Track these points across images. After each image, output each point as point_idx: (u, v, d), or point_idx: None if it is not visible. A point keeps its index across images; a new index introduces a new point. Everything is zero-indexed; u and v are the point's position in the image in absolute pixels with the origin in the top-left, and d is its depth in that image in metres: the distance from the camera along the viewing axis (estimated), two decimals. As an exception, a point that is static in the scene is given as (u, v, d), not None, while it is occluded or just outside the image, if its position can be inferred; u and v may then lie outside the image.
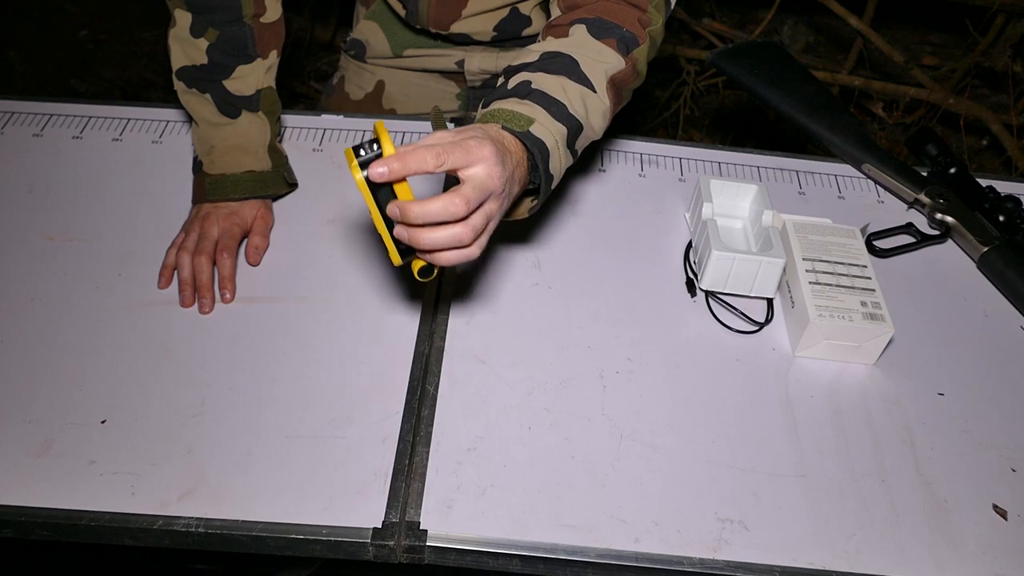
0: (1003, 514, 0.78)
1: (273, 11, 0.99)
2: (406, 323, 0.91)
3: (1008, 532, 0.77)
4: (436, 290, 0.94)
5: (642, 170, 1.13)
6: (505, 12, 1.14)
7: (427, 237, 0.66)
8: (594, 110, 0.82)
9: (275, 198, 1.03)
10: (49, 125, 1.14)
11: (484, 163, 0.67)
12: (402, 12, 1.15)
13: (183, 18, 0.96)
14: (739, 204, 1.02)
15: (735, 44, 1.28)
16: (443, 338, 0.89)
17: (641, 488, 0.78)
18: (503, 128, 0.74)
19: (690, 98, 2.32)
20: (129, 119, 1.15)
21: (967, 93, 2.26)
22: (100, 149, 1.11)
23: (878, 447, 0.83)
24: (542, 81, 0.80)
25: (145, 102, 1.22)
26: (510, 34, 1.16)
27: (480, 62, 1.21)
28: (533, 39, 1.18)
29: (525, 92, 0.78)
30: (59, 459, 0.77)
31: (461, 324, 0.91)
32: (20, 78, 2.54)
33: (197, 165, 1.00)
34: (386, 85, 1.28)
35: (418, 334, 0.90)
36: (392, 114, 1.29)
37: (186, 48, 0.97)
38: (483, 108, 0.80)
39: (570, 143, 0.79)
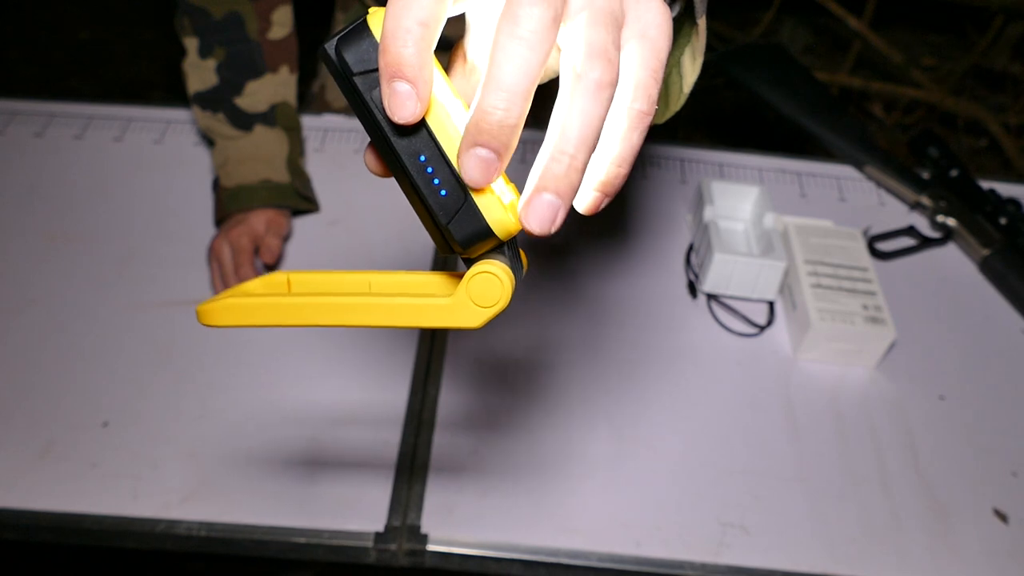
0: (1004, 518, 0.78)
1: (281, 27, 0.98)
2: (407, 325, 0.90)
3: (1009, 536, 0.77)
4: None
5: (644, 171, 1.13)
6: None
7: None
8: None
9: (294, 213, 1.01)
10: (50, 125, 1.13)
11: None
12: None
13: (192, 43, 0.96)
14: (740, 206, 1.02)
15: (738, 46, 1.29)
16: (444, 340, 0.89)
17: (642, 492, 0.78)
18: None
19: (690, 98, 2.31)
20: (130, 119, 1.15)
21: (966, 94, 2.27)
22: (101, 149, 1.11)
23: (879, 451, 0.83)
24: None
25: (146, 102, 1.21)
26: None
27: None
28: None
29: None
30: (61, 461, 0.77)
31: (462, 326, 0.91)
32: (21, 79, 2.53)
33: (215, 183, 0.99)
34: None
35: (420, 335, 0.90)
36: None
37: (198, 72, 0.97)
38: None
39: None
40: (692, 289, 0.96)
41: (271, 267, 0.96)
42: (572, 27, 0.34)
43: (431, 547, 0.73)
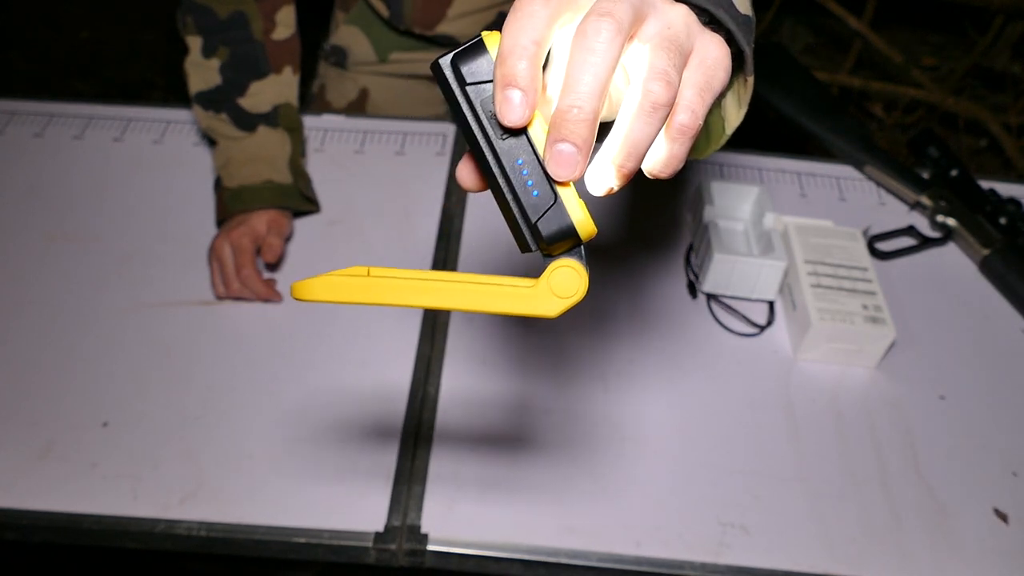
0: (1004, 518, 0.78)
1: (284, 28, 0.98)
2: (407, 324, 0.91)
3: (1009, 536, 0.77)
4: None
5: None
6: (491, 15, 1.13)
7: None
8: None
9: (295, 214, 1.01)
10: (49, 125, 1.14)
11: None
12: (385, 13, 1.13)
13: (195, 42, 0.96)
14: (740, 206, 1.02)
15: (736, 46, 1.28)
16: (444, 339, 0.89)
17: (642, 491, 0.78)
18: None
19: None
20: (130, 119, 1.15)
21: (966, 94, 2.27)
22: (100, 149, 1.11)
23: (879, 450, 0.83)
24: None
25: (146, 102, 1.22)
26: None
27: None
28: None
29: None
30: (60, 462, 0.77)
31: (463, 325, 0.91)
32: (21, 78, 2.54)
33: (217, 183, 0.99)
34: (370, 92, 1.25)
35: (420, 335, 0.89)
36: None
37: (200, 72, 0.97)
38: None
39: None
40: (692, 289, 0.96)
41: (273, 267, 0.96)
42: (641, 51, 0.39)
43: (431, 547, 0.73)
